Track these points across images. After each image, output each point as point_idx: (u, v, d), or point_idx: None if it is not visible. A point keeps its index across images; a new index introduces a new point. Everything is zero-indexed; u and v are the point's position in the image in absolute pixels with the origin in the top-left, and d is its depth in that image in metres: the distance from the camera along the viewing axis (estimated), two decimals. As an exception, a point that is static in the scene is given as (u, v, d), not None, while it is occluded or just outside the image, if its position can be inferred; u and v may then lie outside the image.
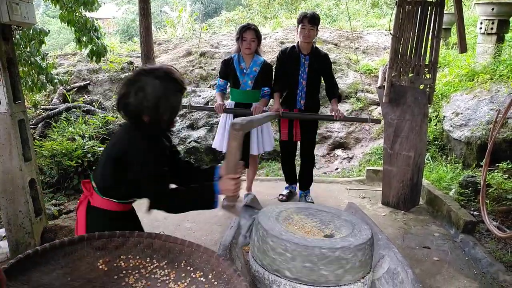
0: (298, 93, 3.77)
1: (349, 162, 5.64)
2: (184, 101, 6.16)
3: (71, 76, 6.75)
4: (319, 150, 5.87)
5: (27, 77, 4.52)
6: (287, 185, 4.21)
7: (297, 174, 4.14)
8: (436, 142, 5.26)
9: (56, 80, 4.73)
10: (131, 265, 1.48)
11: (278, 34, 8.51)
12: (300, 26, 3.65)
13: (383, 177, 4.04)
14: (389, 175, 3.92)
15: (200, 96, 6.41)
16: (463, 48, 3.74)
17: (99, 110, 6.07)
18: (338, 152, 5.91)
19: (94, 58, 4.91)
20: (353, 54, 7.48)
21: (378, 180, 4.56)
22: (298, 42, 3.76)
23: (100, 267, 1.44)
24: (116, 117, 5.95)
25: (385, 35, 8.45)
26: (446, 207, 3.63)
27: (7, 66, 2.97)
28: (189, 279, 1.44)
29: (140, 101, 1.62)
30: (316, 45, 3.88)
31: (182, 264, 1.51)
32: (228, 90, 3.97)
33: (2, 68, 2.88)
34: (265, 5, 15.06)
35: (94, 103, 6.23)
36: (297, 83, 3.74)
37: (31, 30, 4.42)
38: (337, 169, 5.51)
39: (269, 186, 4.51)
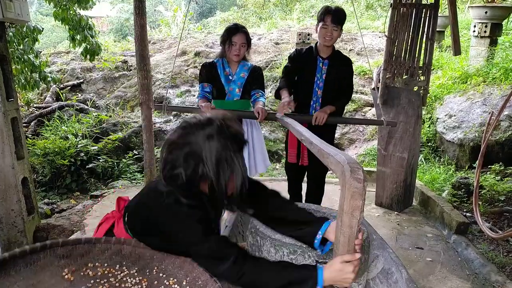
0: (312, 105, 3.07)
1: (343, 163, 5.66)
2: (173, 102, 6.15)
3: (64, 74, 6.72)
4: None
5: (20, 75, 4.49)
6: None
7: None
8: (430, 144, 5.30)
9: (49, 79, 4.71)
10: (99, 273, 1.39)
11: (273, 35, 8.53)
12: (321, 24, 2.91)
13: (376, 178, 4.05)
14: (383, 176, 3.94)
15: (194, 95, 6.40)
16: (457, 50, 3.76)
17: (93, 109, 6.05)
18: (332, 153, 5.92)
19: (88, 56, 4.89)
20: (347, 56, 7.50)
21: (371, 181, 4.57)
22: (317, 43, 3.10)
23: (66, 277, 1.34)
24: (110, 116, 5.93)
25: (379, 37, 8.50)
26: (439, 208, 3.66)
27: (0, 64, 2.96)
28: (162, 286, 1.35)
29: (193, 168, 1.29)
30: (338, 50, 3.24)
31: (154, 271, 1.42)
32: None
33: (-5, 66, 2.86)
34: (260, 6, 15.10)
35: (87, 101, 6.21)
36: (312, 92, 3.06)
37: (25, 28, 4.38)
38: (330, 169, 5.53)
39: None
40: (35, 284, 1.28)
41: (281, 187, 2.52)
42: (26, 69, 4.57)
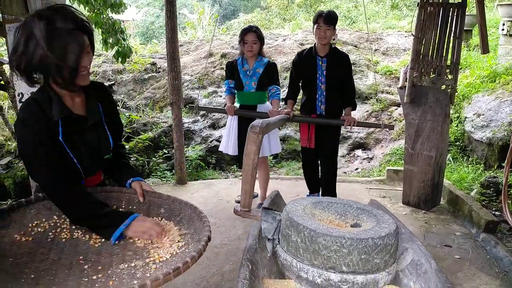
0: (318, 98, 3.56)
1: (369, 162, 5.68)
2: (197, 102, 6.30)
3: (96, 76, 6.96)
4: (339, 150, 5.92)
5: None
6: (309, 193, 3.97)
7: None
8: (457, 143, 5.26)
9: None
10: (47, 227, 1.43)
11: (298, 36, 8.59)
12: (315, 26, 3.43)
13: (404, 177, 4.07)
14: (410, 174, 3.95)
15: (221, 96, 6.53)
16: (485, 49, 3.75)
17: (124, 110, 6.25)
18: (358, 152, 5.95)
19: (120, 59, 5.07)
20: (372, 56, 7.50)
21: (398, 180, 4.59)
22: (315, 43, 3.56)
23: (24, 239, 1.35)
24: (140, 116, 6.12)
25: (405, 36, 8.45)
26: (467, 207, 3.65)
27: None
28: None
29: (32, 51, 1.32)
30: (337, 47, 3.68)
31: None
32: None
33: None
34: (283, 7, 15.15)
35: (118, 102, 6.41)
36: (316, 87, 3.54)
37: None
38: (357, 169, 5.56)
39: (290, 185, 4.59)
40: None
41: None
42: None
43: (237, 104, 3.75)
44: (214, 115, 6.33)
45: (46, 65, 1.33)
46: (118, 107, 6.15)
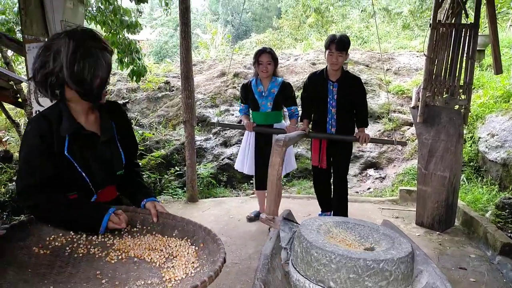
0: (328, 121, 3.58)
1: (381, 182, 5.64)
2: (216, 119, 6.35)
3: (111, 95, 7.08)
4: (351, 170, 5.89)
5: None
6: (320, 212, 3.95)
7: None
8: (471, 164, 5.20)
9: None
10: (64, 241, 1.45)
11: (310, 56, 8.66)
12: (327, 52, 3.43)
13: (417, 197, 4.02)
14: (424, 195, 3.91)
15: (233, 115, 6.58)
16: (498, 69, 3.74)
17: (137, 127, 6.33)
18: (370, 171, 5.91)
19: (134, 77, 5.17)
20: (384, 75, 7.53)
21: (411, 201, 4.54)
22: (326, 66, 3.57)
23: (42, 252, 1.37)
24: (153, 134, 6.18)
25: (417, 56, 8.46)
26: (482, 228, 3.59)
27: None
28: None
29: (60, 67, 1.38)
30: (348, 67, 3.75)
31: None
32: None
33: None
34: (295, 27, 15.34)
35: (132, 120, 6.50)
36: (327, 111, 3.56)
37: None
38: (369, 188, 5.51)
39: (301, 203, 4.57)
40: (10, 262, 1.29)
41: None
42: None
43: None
44: (226, 133, 6.37)
45: (78, 80, 1.39)
46: (132, 125, 6.27)
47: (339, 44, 3.34)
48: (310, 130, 3.68)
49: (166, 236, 1.56)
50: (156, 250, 1.46)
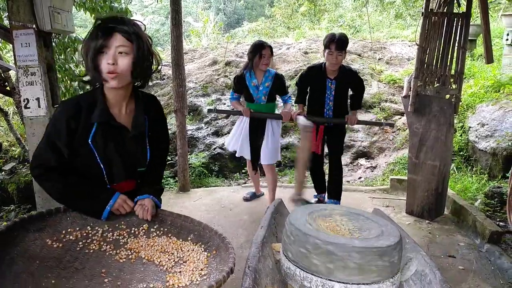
0: (326, 112, 3.75)
1: (372, 171, 5.66)
2: (207, 108, 6.32)
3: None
4: (343, 159, 5.91)
5: (60, 83, 4.72)
6: (316, 193, 4.19)
7: (326, 183, 4.10)
8: (461, 153, 5.24)
9: (87, 87, 4.92)
10: (79, 236, 1.45)
11: (302, 45, 8.62)
12: (326, 51, 3.50)
13: (407, 186, 4.05)
14: (414, 184, 3.94)
15: (225, 104, 6.54)
16: (489, 59, 3.75)
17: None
18: (362, 161, 5.94)
19: (125, 66, 5.09)
20: (376, 65, 7.52)
21: (402, 190, 4.57)
22: (324, 63, 3.66)
23: (55, 245, 1.38)
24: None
25: (409, 46, 8.46)
26: (471, 217, 3.63)
27: (47, 72, 3.14)
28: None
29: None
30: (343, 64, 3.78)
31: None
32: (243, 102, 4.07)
33: (42, 74, 3.03)
34: (288, 16, 15.23)
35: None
36: (324, 103, 3.73)
37: (67, 38, 4.61)
38: (360, 178, 5.54)
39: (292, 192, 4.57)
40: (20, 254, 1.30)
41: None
42: (66, 77, 4.80)
43: None
44: (217, 123, 6.34)
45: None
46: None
47: (338, 44, 3.40)
48: (305, 115, 3.76)
49: (181, 240, 1.56)
50: (167, 253, 1.45)
